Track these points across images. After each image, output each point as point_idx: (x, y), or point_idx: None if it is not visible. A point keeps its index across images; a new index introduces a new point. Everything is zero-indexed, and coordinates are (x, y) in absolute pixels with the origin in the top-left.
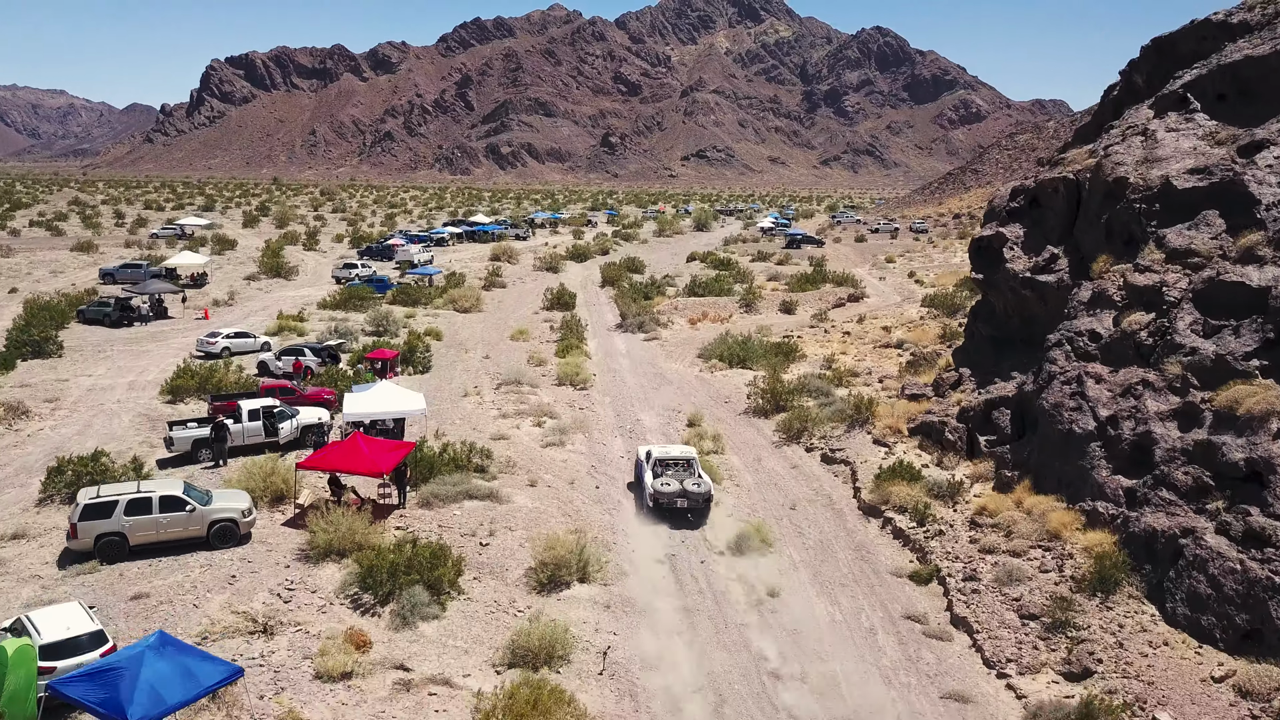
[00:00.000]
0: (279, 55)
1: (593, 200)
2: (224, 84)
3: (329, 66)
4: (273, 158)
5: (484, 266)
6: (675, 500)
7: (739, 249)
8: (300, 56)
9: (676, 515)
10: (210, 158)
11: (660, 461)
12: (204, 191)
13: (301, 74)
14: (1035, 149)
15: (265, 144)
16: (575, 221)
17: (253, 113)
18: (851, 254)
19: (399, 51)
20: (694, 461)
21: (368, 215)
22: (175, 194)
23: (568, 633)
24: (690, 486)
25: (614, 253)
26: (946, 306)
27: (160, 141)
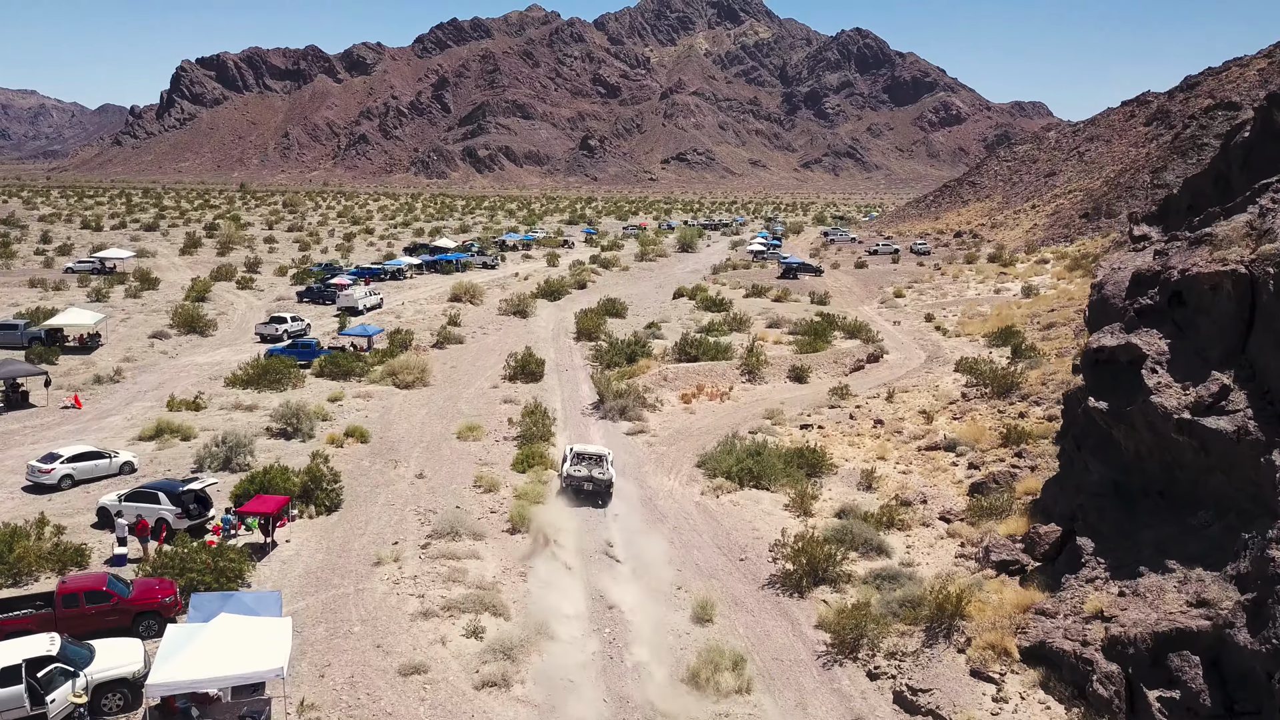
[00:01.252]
0: (251, 56)
1: (570, 211)
2: (194, 85)
3: (302, 68)
4: (244, 161)
5: (441, 311)
6: (583, 483)
7: (729, 279)
8: (273, 57)
9: (587, 495)
10: (180, 161)
11: (578, 455)
12: (160, 203)
13: (274, 75)
14: (1036, 160)
15: (237, 147)
16: (550, 242)
17: (224, 115)
18: (854, 285)
19: (374, 52)
20: (605, 457)
21: (325, 236)
22: (129, 205)
23: None
24: (596, 474)
25: (592, 284)
26: (993, 383)
27: (129, 144)
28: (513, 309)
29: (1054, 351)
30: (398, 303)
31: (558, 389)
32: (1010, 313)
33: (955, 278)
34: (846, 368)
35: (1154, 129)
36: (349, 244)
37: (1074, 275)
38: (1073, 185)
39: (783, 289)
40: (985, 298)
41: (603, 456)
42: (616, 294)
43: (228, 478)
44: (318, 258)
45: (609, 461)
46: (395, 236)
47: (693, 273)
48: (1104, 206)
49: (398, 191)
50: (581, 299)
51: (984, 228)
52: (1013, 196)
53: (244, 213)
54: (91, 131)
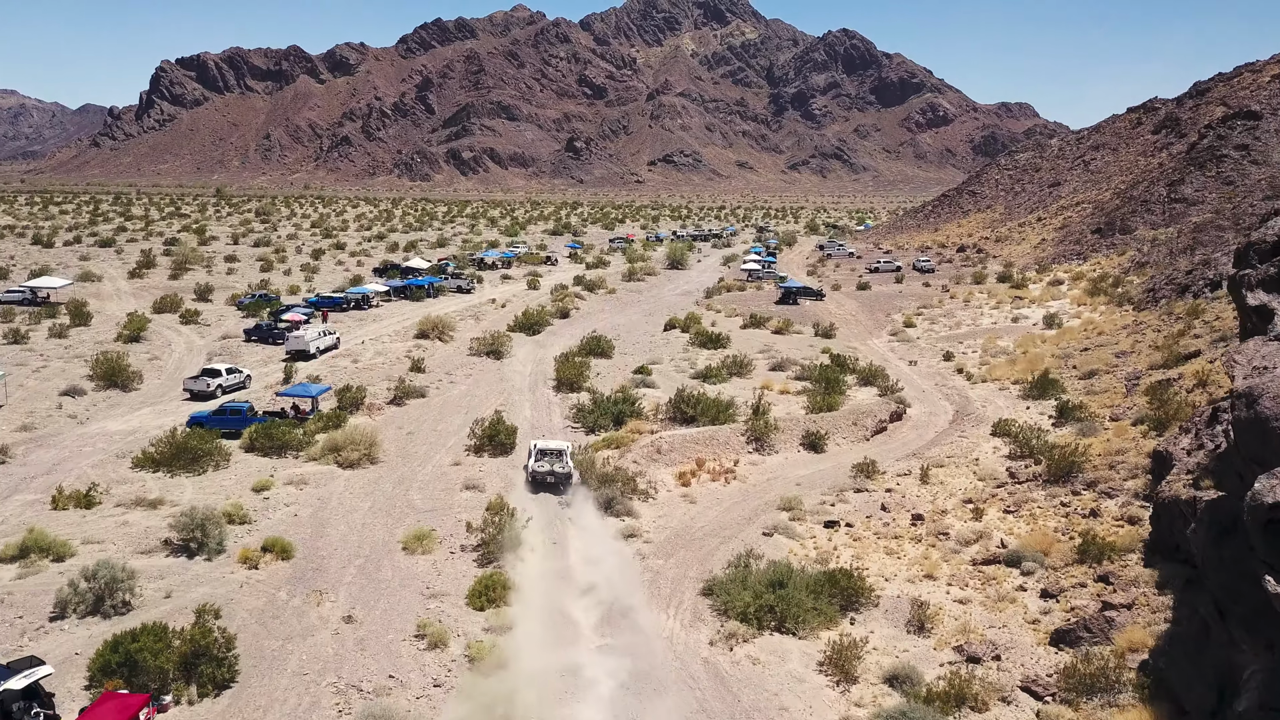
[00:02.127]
0: (232, 56)
1: (555, 219)
2: (174, 86)
3: (284, 68)
4: (225, 163)
5: (405, 352)
6: (546, 477)
7: (724, 304)
8: (254, 58)
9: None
10: (159, 163)
11: (540, 452)
12: (128, 211)
13: (256, 76)
14: (1039, 169)
15: (217, 148)
16: (532, 260)
17: (204, 116)
18: (859, 311)
19: (357, 53)
20: (564, 452)
21: (292, 253)
22: (94, 214)
23: None
24: (557, 468)
25: (576, 311)
26: (1048, 461)
27: (108, 145)
28: (486, 349)
29: (1106, 413)
30: (357, 341)
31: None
32: (1037, 350)
33: (966, 301)
34: (868, 429)
35: (1163, 137)
36: (316, 262)
37: (1096, 302)
38: (1079, 196)
39: (783, 320)
40: (1003, 327)
41: (562, 451)
42: (602, 324)
43: (97, 627)
44: (279, 281)
45: (568, 455)
46: (367, 253)
47: (684, 295)
48: (1117, 221)
49: (379, 196)
50: (564, 331)
51: (988, 241)
52: (1015, 207)
53: (213, 222)
54: (72, 132)
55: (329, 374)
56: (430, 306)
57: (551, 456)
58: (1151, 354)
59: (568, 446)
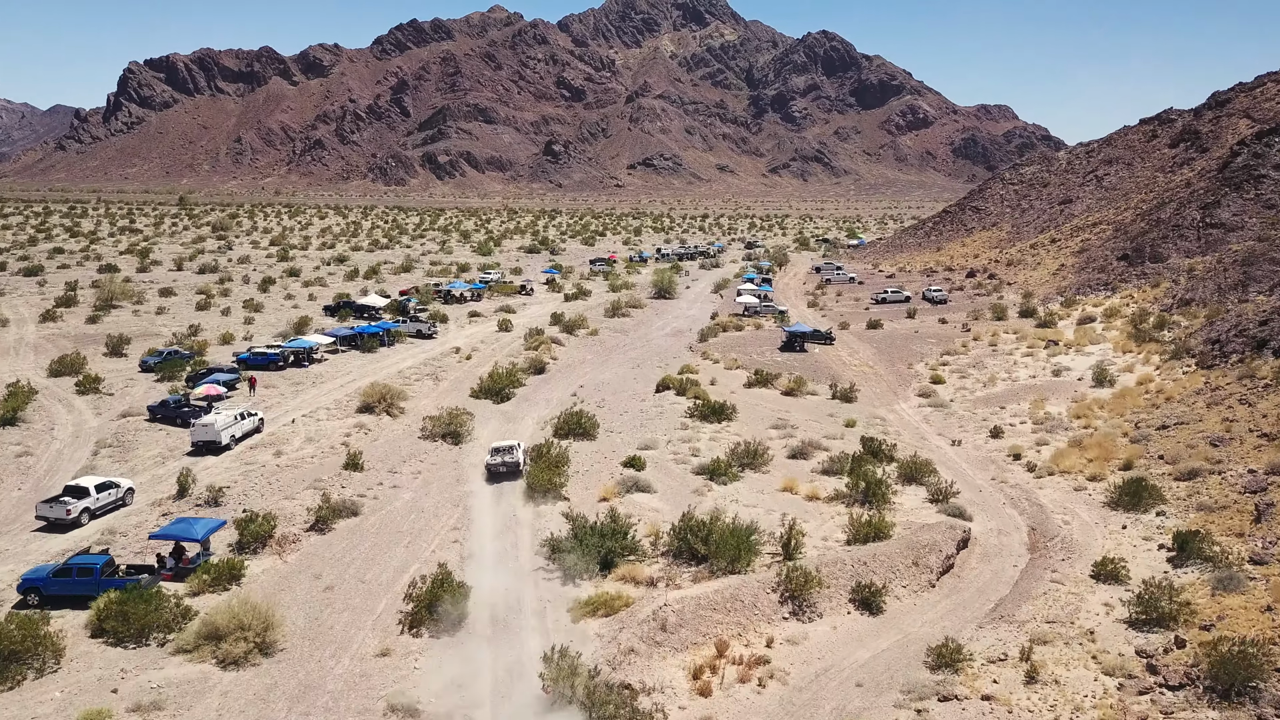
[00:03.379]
0: (202, 57)
1: (531, 231)
2: (143, 88)
3: (256, 70)
4: (195, 167)
5: (343, 436)
6: (499, 468)
7: (721, 350)
8: (225, 59)
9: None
10: (127, 166)
11: (494, 449)
12: (77, 226)
13: (227, 77)
14: (1046, 184)
15: (187, 152)
16: (505, 289)
17: (174, 118)
18: (875, 358)
19: (331, 54)
20: (514, 448)
21: (238, 283)
22: (37, 231)
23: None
24: (507, 459)
25: (552, 363)
26: (1213, 665)
27: (74, 149)
28: (442, 429)
29: (1239, 547)
30: (286, 420)
31: (487, 659)
32: (1103, 427)
33: (993, 345)
34: (932, 571)
35: (1183, 152)
36: (263, 295)
37: (1145, 350)
38: (1095, 215)
39: (794, 378)
40: (1045, 383)
41: (513, 447)
42: (584, 381)
43: None
44: (214, 323)
45: (518, 449)
46: (323, 281)
47: (675, 335)
48: (1146, 247)
49: (350, 203)
50: (539, 393)
51: (998, 265)
52: (1024, 226)
53: (165, 238)
54: (41, 133)
55: (241, 478)
56: (384, 360)
57: (504, 451)
58: (1263, 446)
59: (518, 443)
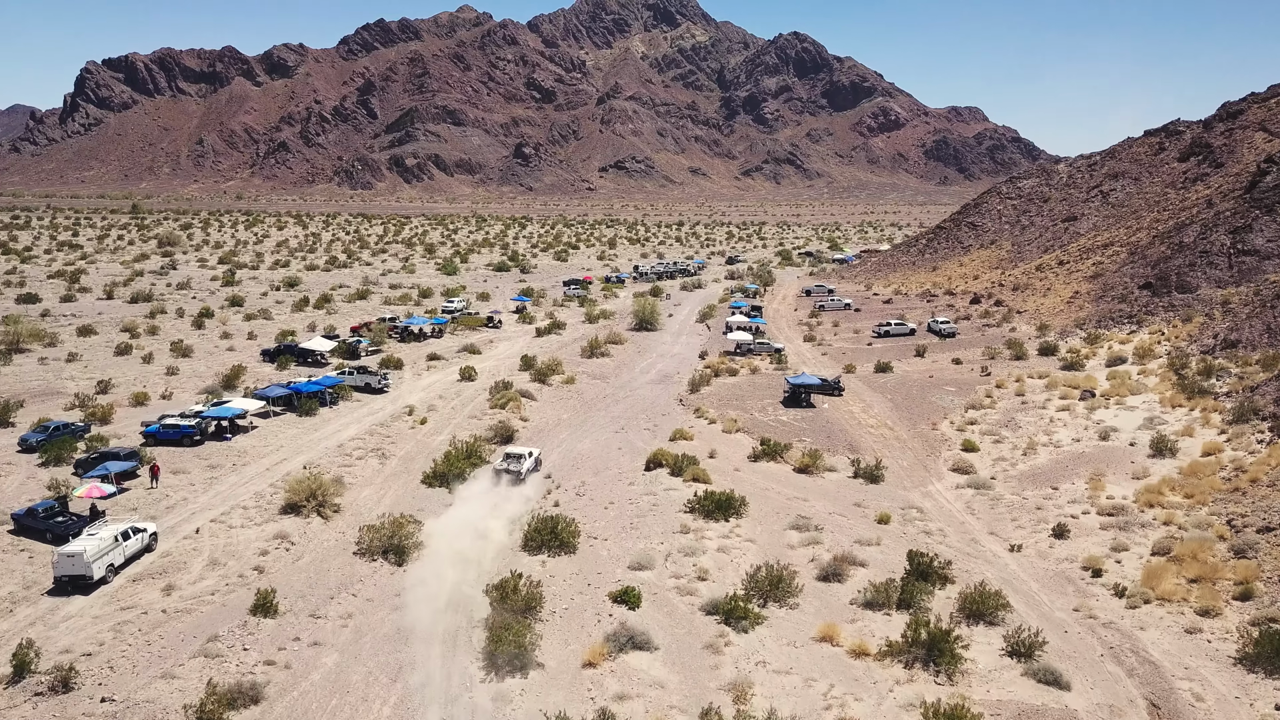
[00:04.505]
0: (163, 57)
1: (500, 244)
2: (101, 88)
3: (219, 70)
4: (155, 169)
5: (254, 556)
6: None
7: (717, 406)
8: (187, 59)
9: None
10: (84, 169)
11: (506, 455)
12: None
13: (188, 78)
14: (1047, 199)
15: (147, 154)
16: (470, 323)
17: (133, 120)
18: (891, 414)
19: (296, 54)
20: (523, 456)
21: (171, 317)
22: None
23: None
24: (513, 467)
25: (523, 425)
26: None
27: (29, 151)
28: (383, 542)
29: None
30: (189, 529)
31: None
32: (1184, 520)
33: (1021, 395)
34: None
35: (1195, 167)
36: (197, 334)
37: (1198, 405)
38: (1104, 235)
39: (809, 451)
40: (1093, 450)
41: (522, 455)
42: (558, 455)
43: None
44: (131, 373)
45: (527, 457)
46: (268, 314)
47: (661, 381)
48: (1172, 276)
49: (313, 210)
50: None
51: (1003, 289)
52: (1025, 244)
53: (105, 256)
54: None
55: (111, 638)
56: (324, 427)
57: (513, 459)
58: None
59: (526, 451)
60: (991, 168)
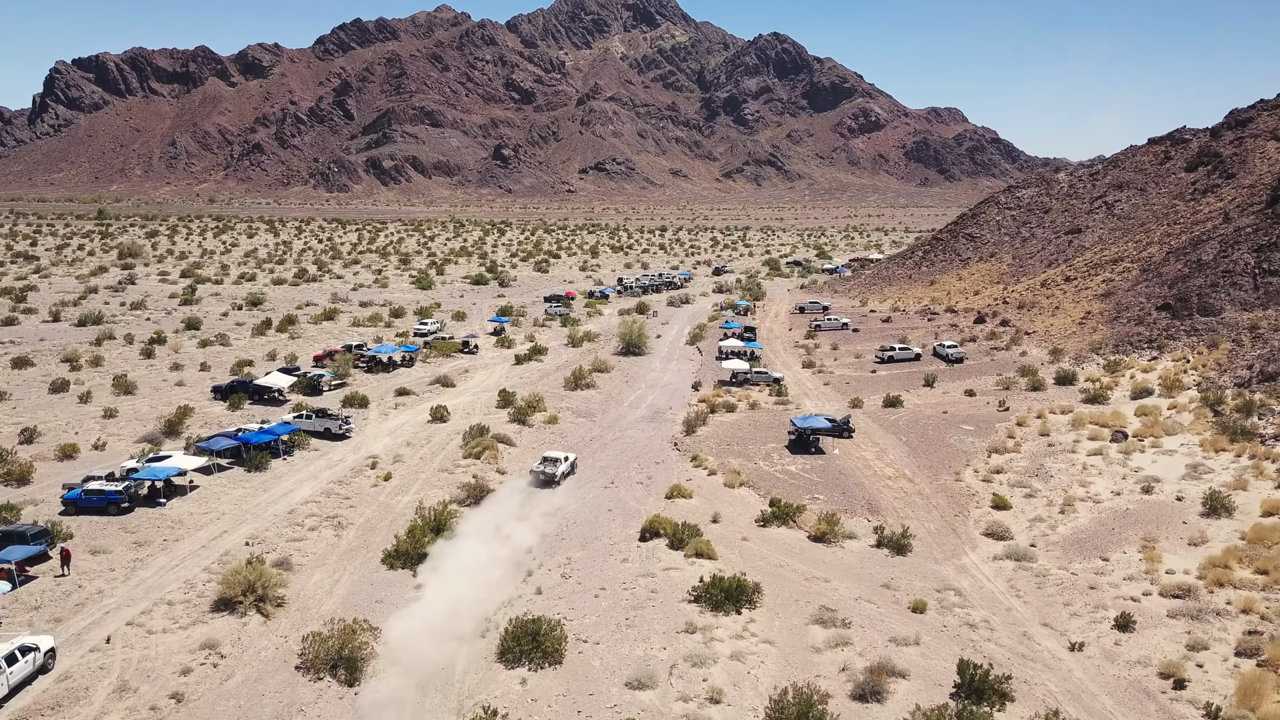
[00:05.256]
0: (135, 57)
1: (478, 252)
2: (71, 88)
3: (192, 70)
4: (126, 172)
5: (174, 677)
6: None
7: (716, 450)
8: (159, 59)
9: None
10: (54, 171)
11: (543, 459)
12: None
13: (161, 78)
14: (1048, 210)
15: (118, 156)
16: (445, 349)
17: (104, 121)
18: (908, 461)
19: (271, 54)
20: (560, 460)
21: (119, 344)
22: None
23: None
24: (548, 470)
25: (498, 479)
26: None
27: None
28: (331, 654)
29: None
30: (99, 636)
31: None
32: (1265, 608)
33: (1044, 434)
34: None
35: (1205, 178)
36: (146, 364)
37: (1245, 450)
38: (1112, 249)
39: (826, 516)
40: (1137, 507)
41: (558, 460)
42: (534, 538)
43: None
44: (63, 414)
45: (562, 461)
46: (225, 339)
47: (652, 419)
48: (1193, 297)
49: (287, 214)
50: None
51: (1008, 307)
52: (1026, 258)
53: (60, 269)
54: None
55: None
56: (275, 486)
57: (549, 462)
58: None
59: (562, 456)
60: (972, 169)
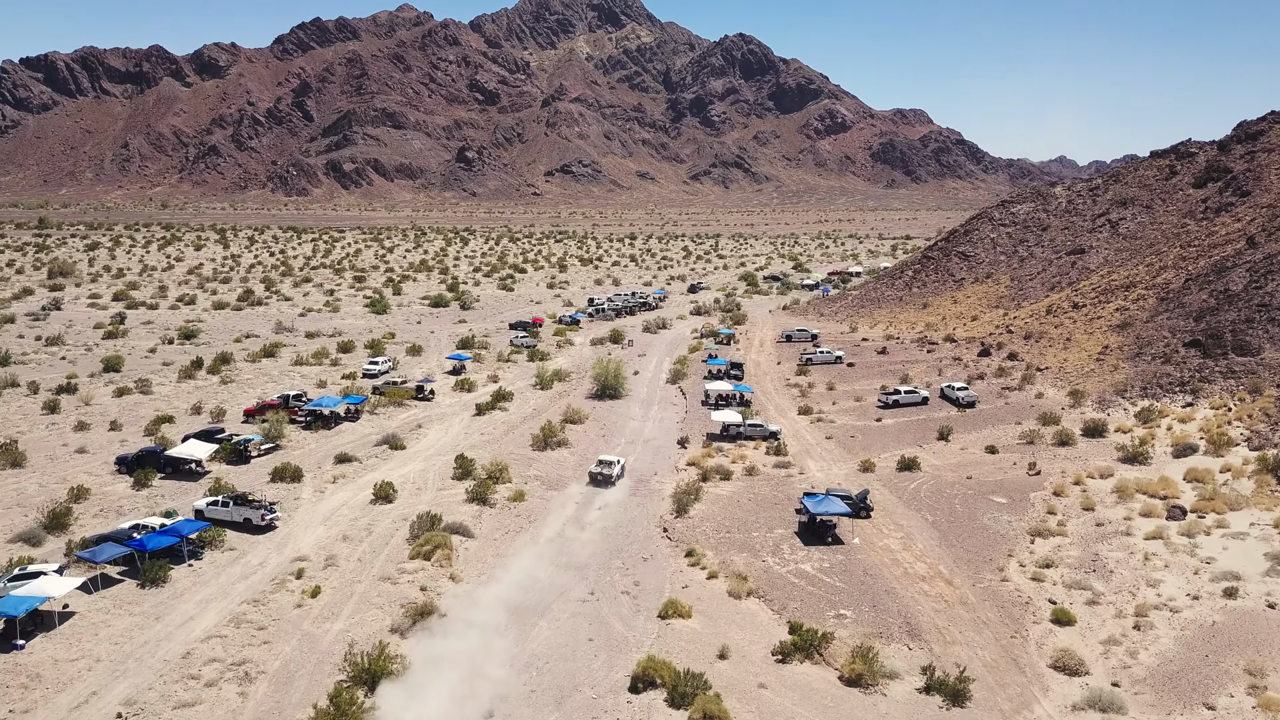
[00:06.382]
0: (85, 56)
1: (440, 263)
2: (19, 88)
3: (146, 70)
4: (77, 175)
5: None
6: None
7: (716, 545)
8: (111, 58)
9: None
10: (1, 175)
11: (599, 461)
12: None
13: (113, 78)
14: (1046, 227)
15: (68, 158)
16: (396, 396)
17: (54, 122)
18: (932, 544)
19: (228, 54)
20: (614, 463)
21: (22, 391)
22: None
23: None
24: (604, 471)
25: (453, 594)
26: None
27: None
28: None
29: None
30: None
31: None
32: None
33: (1087, 508)
34: None
35: (1215, 194)
36: (51, 414)
37: None
38: (1122, 273)
39: (861, 647)
40: (1226, 620)
41: (613, 462)
42: (505, 643)
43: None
44: None
45: (616, 464)
46: (146, 386)
47: (637, 492)
48: (1226, 334)
49: (242, 221)
50: (430, 688)
51: (1012, 337)
52: (1026, 280)
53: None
54: None
55: None
56: (171, 612)
57: (605, 464)
58: None
59: (616, 459)
60: (938, 170)
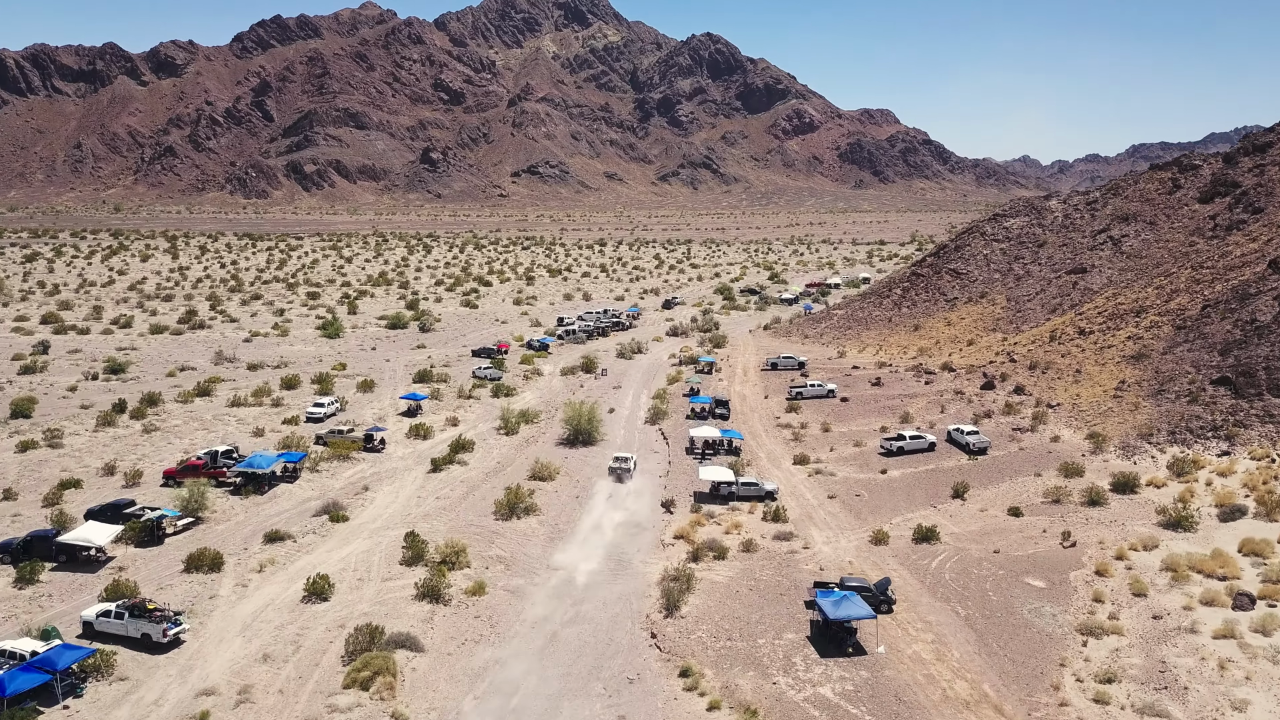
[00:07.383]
0: (36, 54)
1: (400, 276)
2: None
3: (100, 68)
4: (27, 176)
5: None
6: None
7: (716, 656)
8: (63, 56)
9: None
10: None
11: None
12: None
13: (65, 76)
14: (1042, 243)
15: (18, 159)
16: (342, 448)
17: (3, 122)
18: (969, 650)
19: (185, 52)
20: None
21: None
22: None
23: None
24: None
25: None
26: None
27: None
28: None
29: None
30: None
31: None
32: None
33: (1140, 594)
34: None
35: (1224, 210)
36: None
37: None
38: (1129, 296)
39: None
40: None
41: (628, 458)
42: None
43: None
44: None
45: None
46: (57, 438)
47: (616, 571)
48: (1259, 371)
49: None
50: None
51: (1015, 366)
52: (1024, 301)
53: None
54: None
55: None
56: None
57: (621, 460)
58: None
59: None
60: (905, 171)
